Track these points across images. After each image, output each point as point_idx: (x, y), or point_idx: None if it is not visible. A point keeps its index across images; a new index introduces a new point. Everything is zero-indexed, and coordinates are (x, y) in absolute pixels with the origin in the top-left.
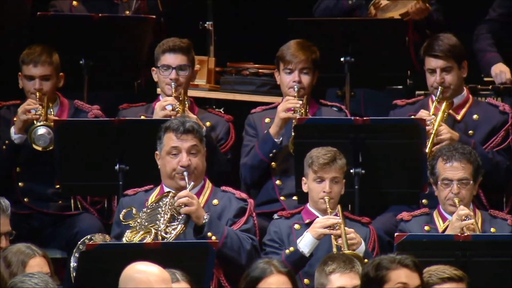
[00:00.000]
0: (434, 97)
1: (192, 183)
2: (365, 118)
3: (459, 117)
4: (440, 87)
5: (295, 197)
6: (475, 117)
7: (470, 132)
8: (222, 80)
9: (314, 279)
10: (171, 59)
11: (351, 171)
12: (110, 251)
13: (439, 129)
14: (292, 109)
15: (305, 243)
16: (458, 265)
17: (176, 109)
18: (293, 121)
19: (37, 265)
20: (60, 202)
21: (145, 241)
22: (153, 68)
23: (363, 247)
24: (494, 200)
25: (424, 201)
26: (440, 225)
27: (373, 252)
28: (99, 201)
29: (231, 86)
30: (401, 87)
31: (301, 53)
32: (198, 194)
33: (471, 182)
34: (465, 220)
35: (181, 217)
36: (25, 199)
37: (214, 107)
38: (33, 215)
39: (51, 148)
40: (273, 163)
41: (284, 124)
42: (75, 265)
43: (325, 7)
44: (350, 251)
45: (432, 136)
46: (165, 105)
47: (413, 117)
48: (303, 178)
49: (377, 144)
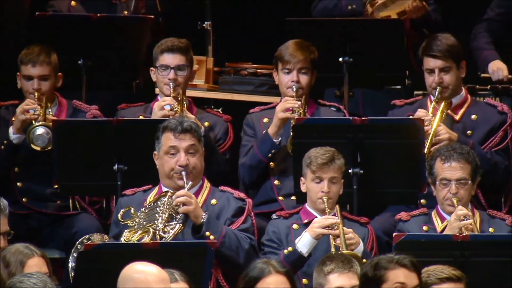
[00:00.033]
0: (432, 97)
1: (190, 182)
2: (363, 118)
3: (457, 117)
4: (438, 87)
5: (293, 197)
6: (473, 117)
7: (469, 132)
8: (221, 80)
9: (313, 279)
10: (170, 59)
11: (349, 171)
12: (108, 251)
13: (438, 129)
14: (291, 109)
15: (303, 243)
16: (457, 265)
17: (175, 109)
18: (292, 121)
19: (36, 265)
20: (59, 202)
21: (143, 240)
22: (152, 68)
23: (361, 247)
24: (493, 200)
25: (422, 201)
26: (439, 225)
27: (371, 252)
28: (97, 201)
29: (230, 86)
30: (399, 87)
31: (299, 53)
32: (197, 194)
33: (470, 182)
34: (464, 220)
35: (179, 217)
36: (23, 199)
37: (213, 107)
38: (32, 215)
39: (49, 148)
40: (271, 163)
41: (283, 124)
42: (74, 265)
43: (323, 7)
44: (349, 251)
45: (430, 136)
46: (163, 105)
47: (411, 117)
48: (302, 178)
49: (376, 144)
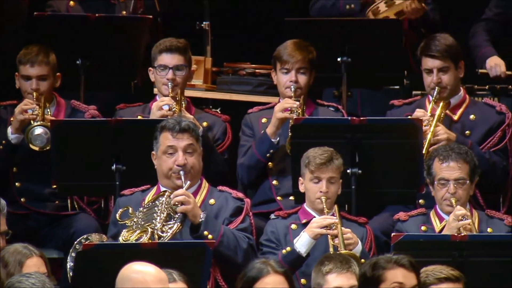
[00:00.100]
0: (431, 97)
1: (189, 182)
2: (362, 118)
3: (456, 117)
4: (437, 87)
5: (292, 197)
6: (472, 117)
7: (467, 132)
8: (219, 80)
9: (311, 279)
10: (168, 59)
11: (348, 171)
12: (106, 251)
13: (436, 129)
14: (289, 109)
15: (302, 243)
16: (455, 265)
17: (173, 109)
18: (290, 121)
19: (34, 265)
20: (57, 202)
21: (141, 240)
22: (150, 68)
23: (359, 247)
24: (491, 200)
25: (421, 201)
26: (437, 225)
27: (369, 252)
28: (96, 201)
29: (228, 86)
30: (398, 87)
31: (298, 53)
32: (195, 194)
33: (468, 181)
34: (462, 220)
35: (177, 216)
36: (21, 199)
37: (211, 107)
38: (30, 215)
39: (48, 148)
40: (270, 163)
41: (281, 124)
42: (72, 265)
43: (321, 6)
44: (347, 251)
45: (429, 136)
46: (162, 105)
47: (410, 117)
48: (300, 178)
49: (374, 144)
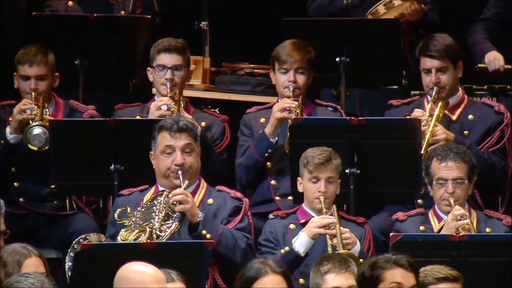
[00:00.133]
0: (429, 97)
1: (187, 181)
2: (360, 118)
3: (454, 117)
4: (435, 87)
5: (290, 197)
6: (470, 117)
7: (466, 132)
8: (217, 80)
9: (310, 279)
10: (167, 59)
11: (346, 171)
12: (105, 251)
13: (435, 129)
14: (288, 109)
15: (300, 242)
16: (454, 265)
17: (171, 109)
18: (289, 121)
19: (33, 265)
20: (55, 202)
21: (139, 239)
22: (149, 68)
23: (358, 247)
24: (490, 200)
25: (419, 201)
26: (436, 225)
27: (368, 252)
28: (94, 201)
29: (226, 86)
30: (396, 87)
31: (296, 53)
32: (193, 194)
33: (466, 181)
34: (461, 220)
35: (175, 215)
36: (20, 199)
37: (210, 107)
38: (28, 215)
39: (46, 148)
40: (268, 163)
41: (280, 124)
42: (70, 265)
43: (318, 5)
44: (345, 251)
45: (427, 136)
46: (160, 105)
47: (408, 117)
48: (299, 178)
49: (373, 144)
